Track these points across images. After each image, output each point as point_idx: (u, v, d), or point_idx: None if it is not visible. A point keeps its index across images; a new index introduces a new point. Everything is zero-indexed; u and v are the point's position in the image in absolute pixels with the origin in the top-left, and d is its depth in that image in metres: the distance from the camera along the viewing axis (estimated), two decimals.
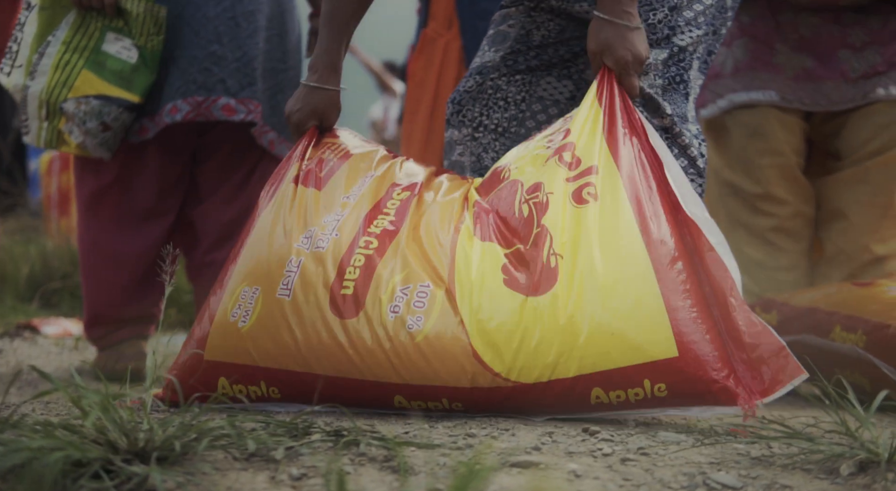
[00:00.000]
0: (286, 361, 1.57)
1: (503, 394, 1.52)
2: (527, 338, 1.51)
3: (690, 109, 1.87)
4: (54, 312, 4.16)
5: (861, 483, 1.23)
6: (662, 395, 1.50)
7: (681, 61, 1.83)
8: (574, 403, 1.53)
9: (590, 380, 1.50)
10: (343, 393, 1.55)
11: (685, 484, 1.21)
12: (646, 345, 1.50)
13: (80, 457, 1.11)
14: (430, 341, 1.53)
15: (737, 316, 1.55)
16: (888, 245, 2.42)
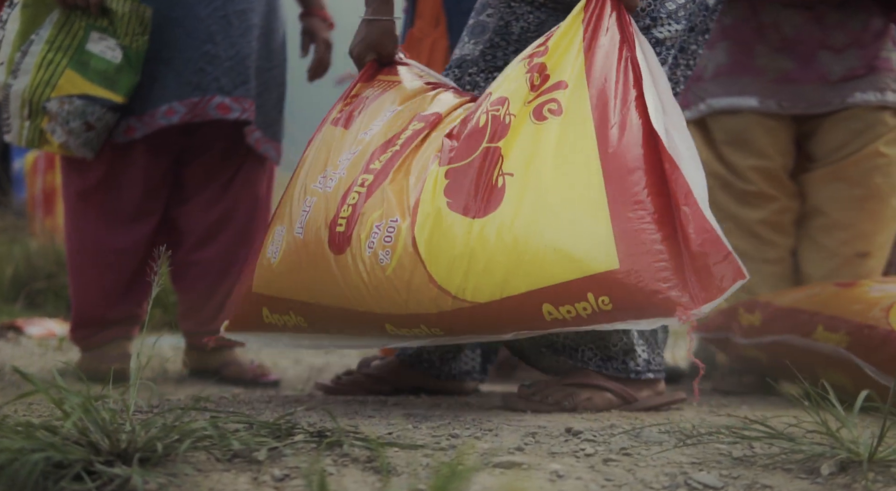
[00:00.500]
0: (303, 294, 1.68)
1: (466, 315, 1.56)
2: (475, 260, 1.55)
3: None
4: (38, 313, 4.14)
5: (842, 483, 1.24)
6: (608, 308, 1.52)
7: (658, 55, 1.81)
8: (530, 320, 1.56)
9: (538, 296, 1.53)
10: (346, 324, 1.66)
11: (667, 484, 1.21)
12: (588, 259, 1.52)
13: (61, 458, 1.11)
14: (397, 273, 1.59)
15: (689, 224, 1.57)
16: (869, 240, 2.43)
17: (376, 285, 1.60)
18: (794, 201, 2.50)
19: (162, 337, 3.19)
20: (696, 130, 2.57)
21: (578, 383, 1.79)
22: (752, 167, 2.49)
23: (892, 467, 1.26)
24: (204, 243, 2.49)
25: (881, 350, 1.92)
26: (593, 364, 1.81)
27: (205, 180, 2.49)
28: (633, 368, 1.81)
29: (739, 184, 2.50)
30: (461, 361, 2.03)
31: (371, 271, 1.60)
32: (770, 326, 2.23)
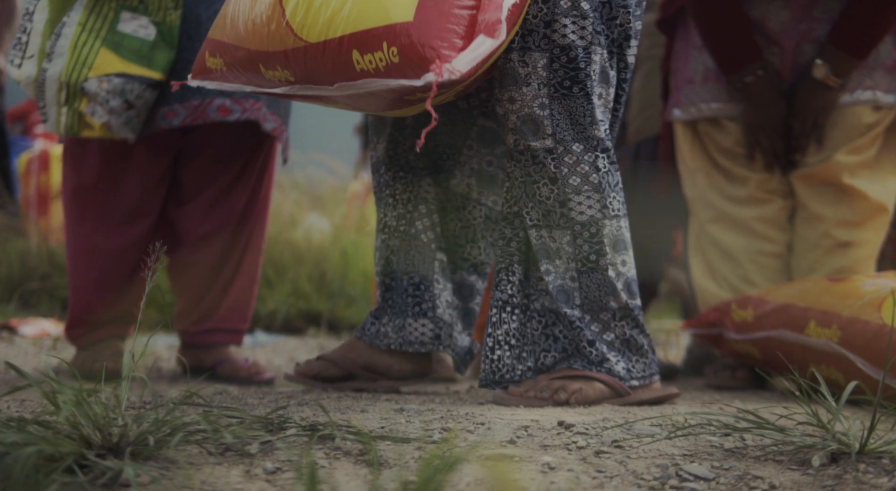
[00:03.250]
0: (222, 34, 1.80)
1: (302, 56, 1.65)
2: None
3: (597, 108, 1.78)
4: (32, 313, 4.14)
5: (832, 474, 1.24)
6: (396, 60, 1.56)
7: (569, 62, 1.75)
8: (345, 69, 1.62)
9: (349, 41, 1.60)
10: (241, 65, 1.77)
11: (658, 476, 1.22)
12: (390, 8, 1.58)
13: (52, 452, 1.11)
14: (267, 9, 1.71)
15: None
16: (849, 231, 2.43)
17: (253, 19, 1.72)
18: (788, 200, 2.50)
19: (156, 336, 3.19)
20: (689, 133, 2.58)
21: (568, 376, 1.79)
22: (744, 173, 2.49)
23: (883, 459, 1.26)
24: (204, 244, 2.49)
25: (873, 344, 1.93)
26: (578, 365, 1.82)
27: (204, 181, 2.49)
28: (616, 374, 1.81)
29: (733, 188, 2.50)
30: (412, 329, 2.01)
31: (253, 8, 1.73)
32: (762, 322, 2.24)
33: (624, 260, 1.82)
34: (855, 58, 2.38)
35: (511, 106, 1.78)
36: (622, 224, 1.82)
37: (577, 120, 1.77)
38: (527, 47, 1.76)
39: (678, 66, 2.61)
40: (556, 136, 1.76)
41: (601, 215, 1.79)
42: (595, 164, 1.78)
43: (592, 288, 1.81)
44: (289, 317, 4.32)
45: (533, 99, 1.76)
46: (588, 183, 1.78)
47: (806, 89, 2.42)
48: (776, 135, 2.46)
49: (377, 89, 1.61)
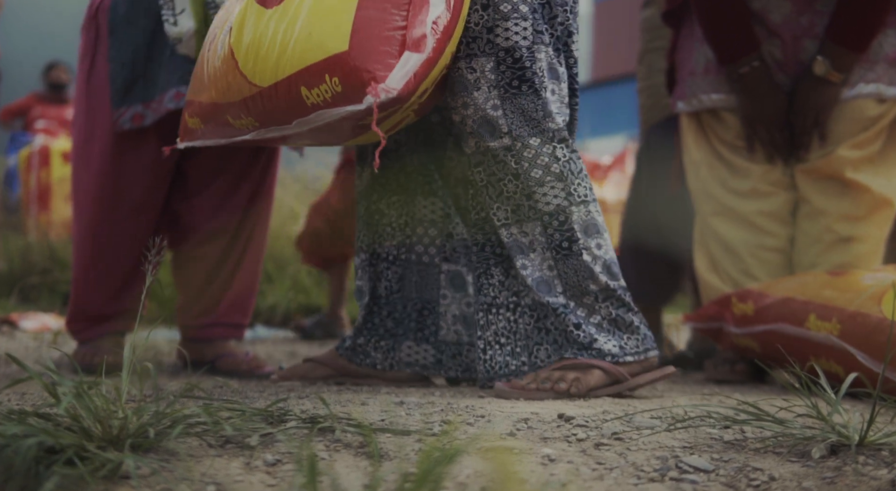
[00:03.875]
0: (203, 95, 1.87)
1: (259, 101, 1.74)
2: (261, 44, 1.73)
3: (550, 103, 1.83)
4: (33, 307, 4.15)
5: (832, 465, 1.24)
6: (339, 89, 1.64)
7: (515, 62, 1.80)
8: (298, 106, 1.69)
9: (296, 79, 1.68)
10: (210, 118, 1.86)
11: (658, 467, 1.22)
12: (328, 41, 1.65)
13: (53, 443, 1.11)
14: (223, 63, 1.80)
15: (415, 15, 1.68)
16: (852, 226, 2.43)
17: (214, 75, 1.81)
18: (791, 193, 2.50)
19: (156, 331, 3.19)
20: (693, 125, 2.58)
21: (566, 366, 1.80)
22: (746, 165, 2.49)
23: (882, 451, 1.27)
24: (209, 239, 2.49)
25: (873, 337, 1.93)
26: (569, 352, 1.82)
27: (210, 175, 2.49)
28: (609, 352, 1.82)
29: (735, 181, 2.50)
30: (402, 352, 2.05)
31: (213, 63, 1.82)
32: (763, 315, 2.24)
33: (599, 243, 1.85)
34: (854, 51, 2.37)
35: (465, 111, 1.84)
36: (591, 208, 1.85)
37: (530, 116, 1.82)
38: (472, 54, 1.82)
39: (682, 57, 2.61)
40: (513, 134, 1.81)
41: (567, 203, 1.83)
42: (554, 155, 1.83)
43: (570, 274, 1.83)
44: (289, 311, 4.33)
45: (485, 101, 1.81)
46: (550, 173, 1.82)
47: (807, 86, 2.42)
48: (774, 127, 2.46)
49: (331, 119, 1.68)
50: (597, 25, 18.21)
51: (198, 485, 1.10)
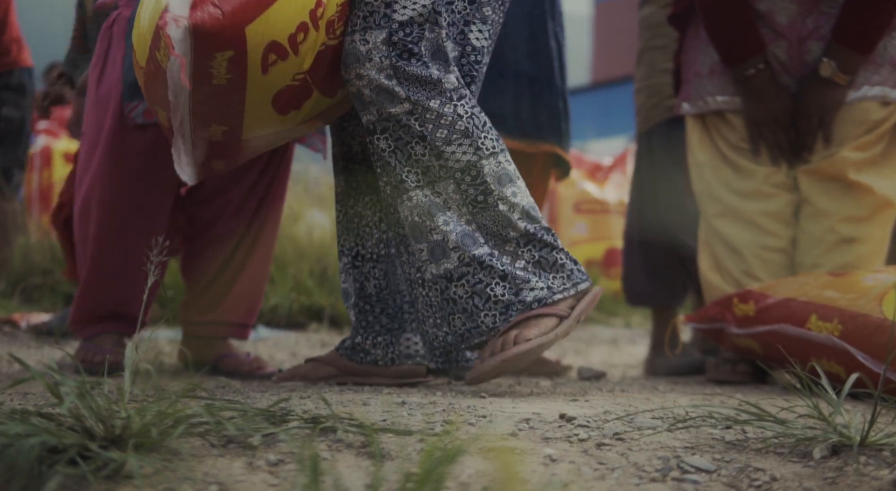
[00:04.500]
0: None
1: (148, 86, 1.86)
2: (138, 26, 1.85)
3: (445, 67, 1.85)
4: (35, 308, 4.15)
5: (833, 466, 1.24)
6: (167, 42, 1.72)
7: (407, 36, 1.84)
8: (160, 75, 1.80)
9: (153, 46, 1.77)
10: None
11: (659, 467, 1.22)
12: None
13: (56, 443, 1.11)
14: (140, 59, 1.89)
15: None
16: (854, 227, 2.43)
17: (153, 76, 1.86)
18: (793, 195, 2.50)
19: (158, 331, 3.19)
20: (698, 126, 2.58)
21: (504, 330, 1.83)
22: (751, 167, 2.49)
23: (884, 451, 1.27)
24: (221, 241, 2.49)
25: (874, 338, 1.93)
26: (489, 321, 1.84)
27: (229, 180, 2.48)
28: (536, 299, 1.83)
29: (739, 182, 2.50)
30: (401, 345, 2.06)
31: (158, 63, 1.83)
32: (764, 316, 2.24)
33: (514, 191, 1.86)
34: (859, 53, 2.38)
35: (360, 82, 1.87)
36: (501, 159, 1.86)
37: (423, 81, 1.84)
38: (368, 27, 1.86)
39: (688, 59, 2.62)
40: (412, 99, 1.84)
41: (477, 157, 1.84)
42: (457, 113, 1.84)
43: (489, 225, 1.85)
44: (291, 312, 4.33)
45: (379, 71, 1.84)
46: (456, 131, 1.84)
47: (813, 88, 2.42)
48: (779, 129, 2.46)
49: (177, 81, 1.75)
50: (597, 27, 18.21)
51: (200, 484, 1.11)
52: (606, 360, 3.71)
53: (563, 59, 2.97)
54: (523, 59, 2.85)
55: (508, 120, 2.82)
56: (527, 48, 2.86)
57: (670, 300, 3.07)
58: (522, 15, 2.85)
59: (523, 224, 1.84)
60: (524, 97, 2.84)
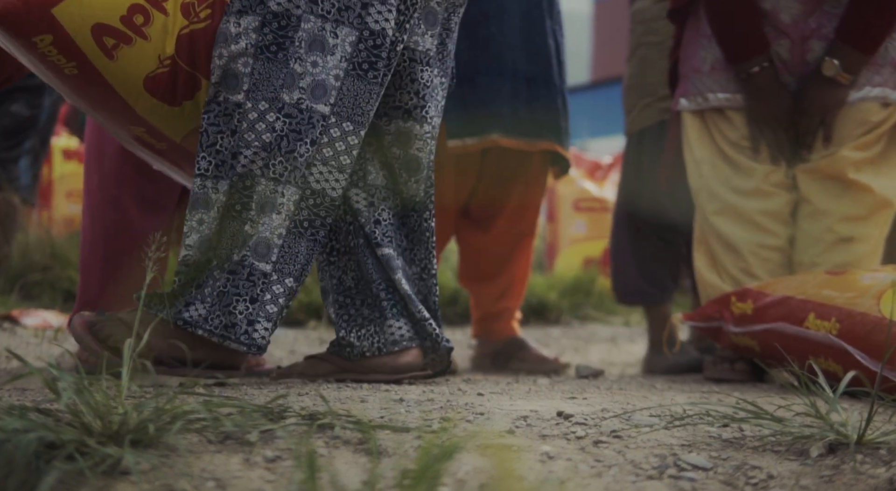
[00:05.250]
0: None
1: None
2: None
3: (296, 76, 1.82)
4: (34, 304, 4.15)
5: (830, 464, 1.25)
6: None
7: (280, 28, 1.83)
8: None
9: None
10: None
11: (656, 465, 1.22)
12: None
13: (53, 439, 1.11)
14: None
15: None
16: (852, 226, 2.44)
17: None
18: (791, 194, 2.51)
19: None
20: (697, 123, 2.58)
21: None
22: (750, 165, 2.49)
23: (880, 449, 1.27)
24: None
25: (871, 337, 1.93)
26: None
27: None
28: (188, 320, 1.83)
29: (738, 180, 2.50)
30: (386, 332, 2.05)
31: None
32: (762, 315, 2.24)
33: (265, 222, 1.84)
34: (863, 53, 2.38)
35: (219, 61, 1.86)
36: (278, 189, 1.84)
37: (272, 82, 1.83)
38: (244, 11, 1.84)
39: (687, 55, 2.61)
40: (249, 94, 1.83)
41: (260, 173, 1.83)
42: (273, 125, 1.83)
43: (226, 237, 1.84)
44: (289, 309, 4.32)
45: (239, 56, 1.83)
46: (259, 140, 1.83)
47: (815, 87, 2.42)
48: (780, 128, 2.46)
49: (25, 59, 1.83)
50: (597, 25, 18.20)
51: (197, 480, 1.11)
52: (605, 358, 3.71)
53: (561, 57, 2.96)
54: (521, 58, 2.85)
55: (506, 119, 2.82)
56: (524, 47, 2.86)
57: (661, 298, 3.07)
58: (520, 14, 2.85)
59: (246, 253, 1.83)
60: (521, 96, 2.84)
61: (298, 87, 1.83)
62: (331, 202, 1.89)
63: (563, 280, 5.59)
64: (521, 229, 3.10)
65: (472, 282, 3.19)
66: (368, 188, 2.05)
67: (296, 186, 1.85)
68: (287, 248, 1.86)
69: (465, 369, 3.05)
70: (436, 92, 2.04)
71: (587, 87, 17.24)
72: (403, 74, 2.01)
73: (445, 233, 3.06)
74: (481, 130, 2.80)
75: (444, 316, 4.72)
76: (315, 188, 1.87)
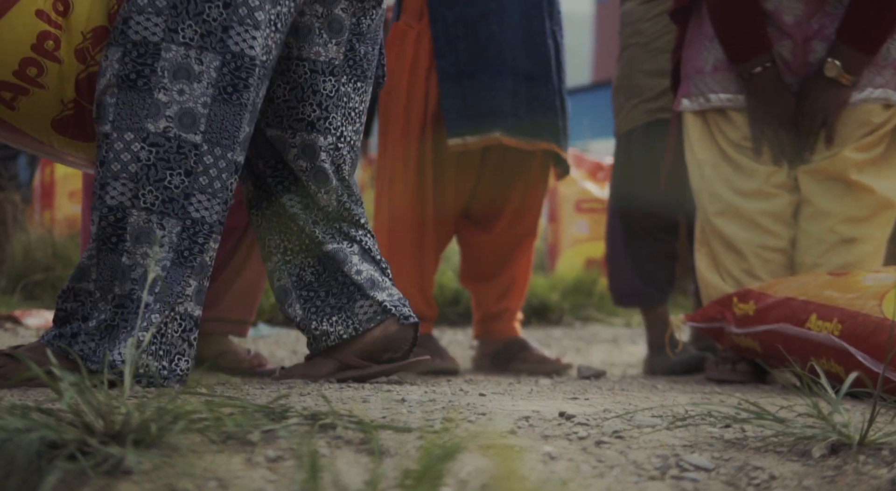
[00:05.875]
0: None
1: None
2: None
3: (161, 105, 1.81)
4: (36, 304, 4.15)
5: (832, 464, 1.24)
6: None
7: (139, 57, 1.81)
8: None
9: None
10: None
11: (658, 465, 1.22)
12: None
13: (55, 438, 1.11)
14: None
15: None
16: (854, 227, 2.44)
17: None
18: (793, 195, 2.51)
19: None
20: (699, 123, 2.58)
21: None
22: (752, 166, 2.49)
23: (883, 450, 1.27)
24: (224, 236, 2.49)
25: (874, 338, 1.93)
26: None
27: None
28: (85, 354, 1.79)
29: (740, 181, 2.50)
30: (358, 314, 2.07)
31: None
32: (764, 315, 2.24)
33: (146, 252, 1.81)
34: (865, 53, 2.38)
35: (96, 95, 1.87)
36: (152, 219, 1.81)
37: (135, 111, 1.81)
38: (111, 43, 1.84)
39: (689, 55, 2.61)
40: (114, 124, 1.81)
41: (130, 204, 1.81)
42: (138, 155, 1.81)
43: (105, 269, 1.82)
44: None
45: (107, 88, 1.83)
46: (126, 171, 1.81)
47: (817, 88, 2.42)
48: (782, 128, 2.46)
49: None
50: (598, 26, 18.20)
51: (199, 480, 1.11)
52: (606, 359, 3.71)
53: (560, 58, 2.97)
54: (521, 57, 2.85)
55: (507, 118, 2.82)
56: (524, 46, 2.86)
57: (658, 298, 3.07)
58: (520, 13, 2.85)
59: (130, 287, 1.80)
60: (521, 95, 2.84)
61: (165, 115, 1.80)
62: (209, 229, 1.85)
63: (565, 281, 5.59)
64: (522, 230, 3.10)
65: (473, 282, 3.19)
66: (301, 191, 2.08)
67: (175, 218, 1.82)
68: (170, 279, 1.82)
69: (466, 370, 3.05)
70: (344, 101, 2.05)
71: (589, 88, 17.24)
72: (305, 86, 2.02)
73: (447, 233, 3.06)
74: (482, 129, 2.80)
75: (446, 316, 4.72)
76: (195, 217, 1.83)
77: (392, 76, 2.91)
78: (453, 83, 2.82)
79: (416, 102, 2.89)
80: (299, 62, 2.02)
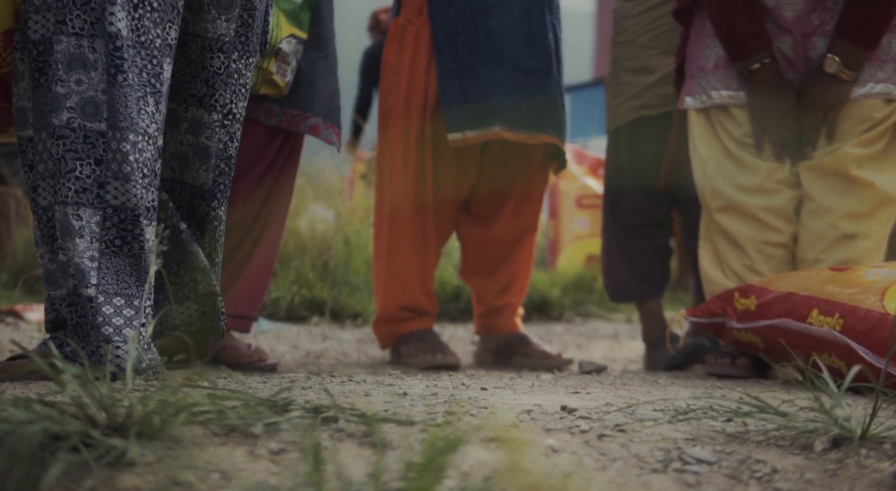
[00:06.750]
0: None
1: None
2: None
3: (62, 97, 1.79)
4: (37, 299, 4.15)
5: (834, 458, 1.25)
6: None
7: (39, 54, 1.80)
8: None
9: None
10: None
11: (661, 459, 1.22)
12: None
13: (58, 430, 1.11)
14: None
15: None
16: (855, 223, 2.44)
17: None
18: (795, 191, 2.51)
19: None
20: (702, 121, 2.58)
21: None
22: (754, 162, 2.49)
23: (884, 444, 1.27)
24: (227, 232, 2.50)
25: (875, 333, 1.93)
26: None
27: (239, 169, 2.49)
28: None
29: (742, 177, 2.50)
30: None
31: None
32: (765, 310, 2.24)
33: (69, 246, 1.80)
34: (863, 48, 2.37)
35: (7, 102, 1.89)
36: (69, 211, 1.80)
37: (42, 109, 1.81)
38: (17, 46, 1.85)
39: (692, 54, 2.62)
40: (36, 126, 1.83)
41: (53, 201, 1.82)
42: (51, 152, 1.81)
43: (56, 270, 1.83)
44: (292, 305, 4.33)
45: (22, 95, 1.84)
46: (47, 169, 1.82)
47: (818, 83, 2.42)
48: (783, 125, 2.46)
49: None
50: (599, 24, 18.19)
51: (202, 472, 1.11)
52: (607, 354, 3.71)
53: (559, 52, 2.97)
54: (521, 51, 2.85)
55: (507, 112, 2.82)
56: (524, 40, 2.86)
57: (651, 293, 3.07)
58: (520, 7, 2.85)
59: (71, 283, 1.80)
60: (523, 89, 2.84)
61: (66, 107, 1.79)
62: (134, 214, 1.82)
63: (566, 277, 5.59)
64: (523, 225, 3.10)
65: (474, 277, 3.19)
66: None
67: (92, 208, 1.80)
68: (105, 269, 1.80)
69: (467, 365, 3.05)
70: (235, 77, 2.05)
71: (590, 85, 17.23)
72: (196, 62, 2.03)
73: (447, 228, 3.06)
74: (483, 123, 2.80)
75: (447, 312, 4.72)
76: (115, 205, 1.81)
77: (392, 71, 2.91)
78: (453, 78, 2.81)
79: (415, 98, 2.88)
80: (193, 38, 2.02)
